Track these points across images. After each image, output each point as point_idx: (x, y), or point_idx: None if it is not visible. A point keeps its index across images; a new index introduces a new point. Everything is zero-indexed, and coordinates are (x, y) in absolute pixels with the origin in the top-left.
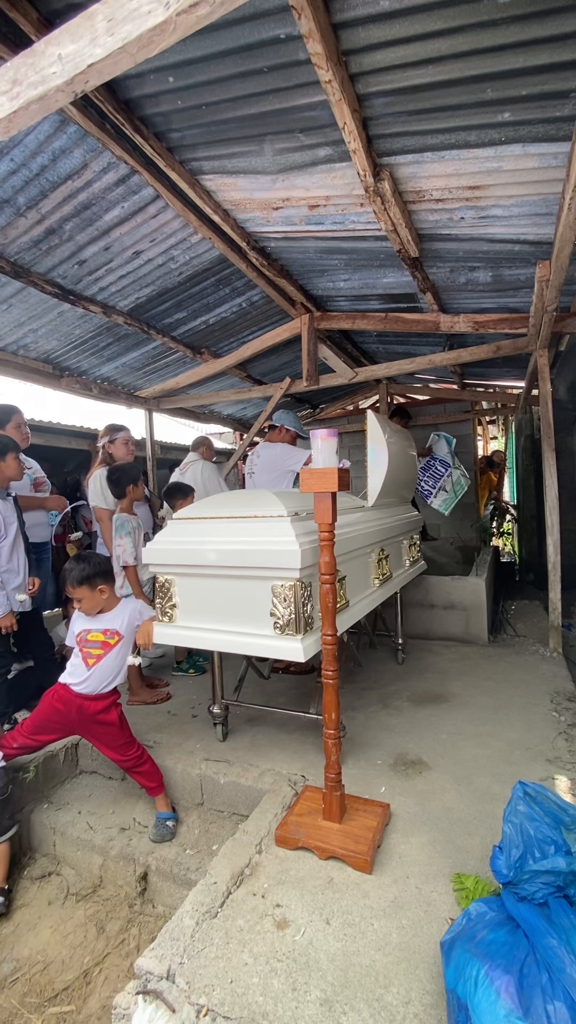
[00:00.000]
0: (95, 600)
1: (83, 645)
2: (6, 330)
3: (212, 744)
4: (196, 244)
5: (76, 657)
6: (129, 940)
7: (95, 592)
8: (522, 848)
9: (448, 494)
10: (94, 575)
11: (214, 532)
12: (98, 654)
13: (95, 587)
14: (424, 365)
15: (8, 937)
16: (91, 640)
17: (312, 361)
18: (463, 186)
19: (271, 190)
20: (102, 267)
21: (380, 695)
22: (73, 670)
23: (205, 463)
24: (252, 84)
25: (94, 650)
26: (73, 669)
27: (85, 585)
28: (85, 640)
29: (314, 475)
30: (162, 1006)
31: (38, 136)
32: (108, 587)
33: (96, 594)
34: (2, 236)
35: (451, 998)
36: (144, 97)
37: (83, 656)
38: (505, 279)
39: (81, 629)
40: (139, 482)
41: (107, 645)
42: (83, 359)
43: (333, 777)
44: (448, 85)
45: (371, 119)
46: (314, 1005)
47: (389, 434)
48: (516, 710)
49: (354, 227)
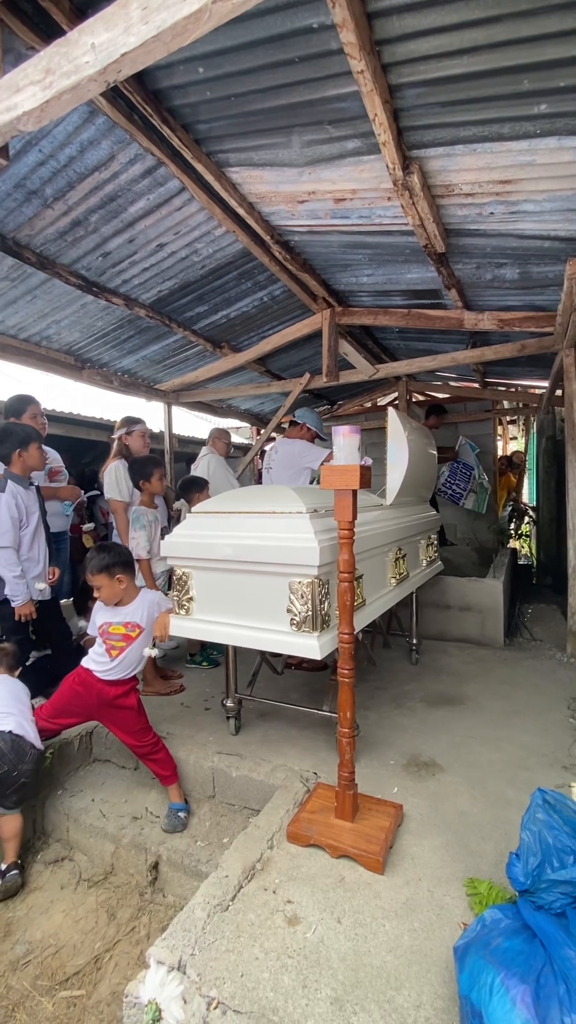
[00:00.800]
0: (113, 589)
1: (106, 638)
2: (30, 321)
3: (224, 737)
4: (220, 237)
5: (100, 646)
6: (139, 928)
7: (113, 581)
8: (540, 856)
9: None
10: (113, 564)
11: (232, 527)
12: (121, 646)
13: (113, 576)
14: (446, 363)
15: (21, 919)
16: (113, 633)
17: (332, 357)
18: (494, 180)
19: (297, 183)
20: (126, 259)
21: (393, 695)
22: (97, 658)
23: (214, 456)
24: (282, 75)
25: (117, 642)
26: (97, 657)
27: (104, 573)
28: (107, 633)
29: (335, 472)
30: (174, 971)
31: (67, 127)
32: (127, 577)
33: (114, 583)
34: (29, 227)
35: (464, 1004)
36: (173, 88)
37: (107, 648)
38: (533, 276)
39: (103, 622)
40: (159, 475)
41: (128, 638)
42: (104, 351)
43: (346, 776)
44: (483, 76)
45: (402, 110)
46: (325, 1003)
47: (409, 432)
48: (532, 715)
49: (380, 221)
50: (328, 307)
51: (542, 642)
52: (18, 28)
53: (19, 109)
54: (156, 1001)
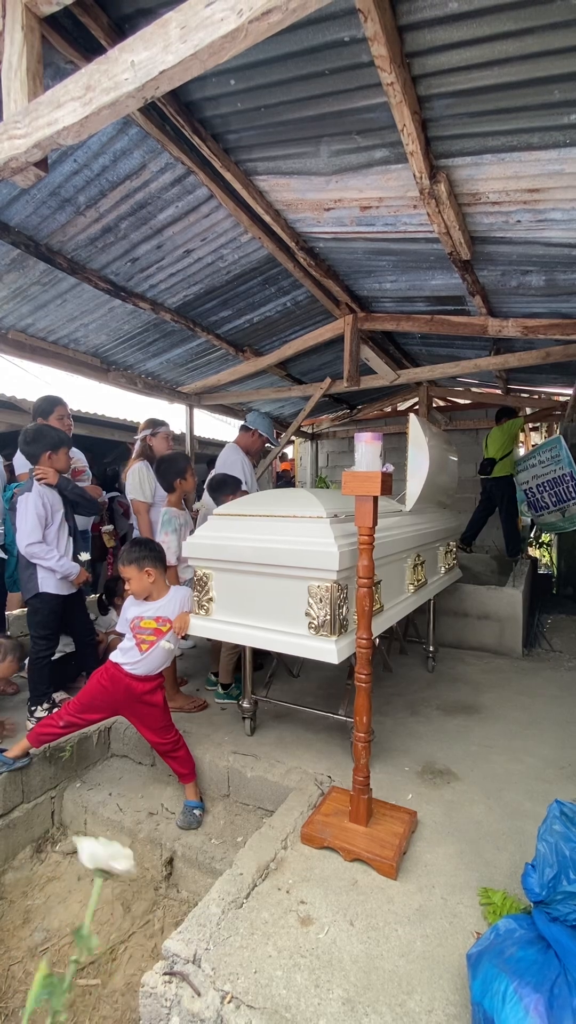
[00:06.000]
0: (142, 582)
1: (137, 632)
2: (59, 323)
3: (240, 738)
4: (245, 244)
5: (129, 640)
6: (154, 921)
7: (142, 574)
8: (556, 868)
9: (564, 521)
10: (143, 557)
11: (253, 529)
12: (151, 640)
13: (142, 568)
14: (469, 369)
15: (40, 908)
16: (144, 627)
17: (354, 362)
18: (522, 188)
19: (324, 191)
20: (153, 265)
21: (409, 701)
22: (127, 652)
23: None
24: (313, 86)
25: (147, 636)
26: (127, 651)
27: (134, 565)
28: (138, 627)
29: (357, 478)
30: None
31: (101, 138)
32: (155, 571)
33: (143, 576)
34: (61, 234)
35: (477, 1011)
36: (205, 99)
37: (137, 641)
38: (559, 283)
39: (134, 616)
40: (191, 471)
41: (159, 632)
42: (130, 354)
43: (361, 780)
44: (513, 87)
45: (430, 121)
46: (336, 1003)
47: (430, 438)
48: (550, 727)
49: (405, 229)
50: (351, 312)
51: (561, 653)
52: (58, 43)
53: (60, 124)
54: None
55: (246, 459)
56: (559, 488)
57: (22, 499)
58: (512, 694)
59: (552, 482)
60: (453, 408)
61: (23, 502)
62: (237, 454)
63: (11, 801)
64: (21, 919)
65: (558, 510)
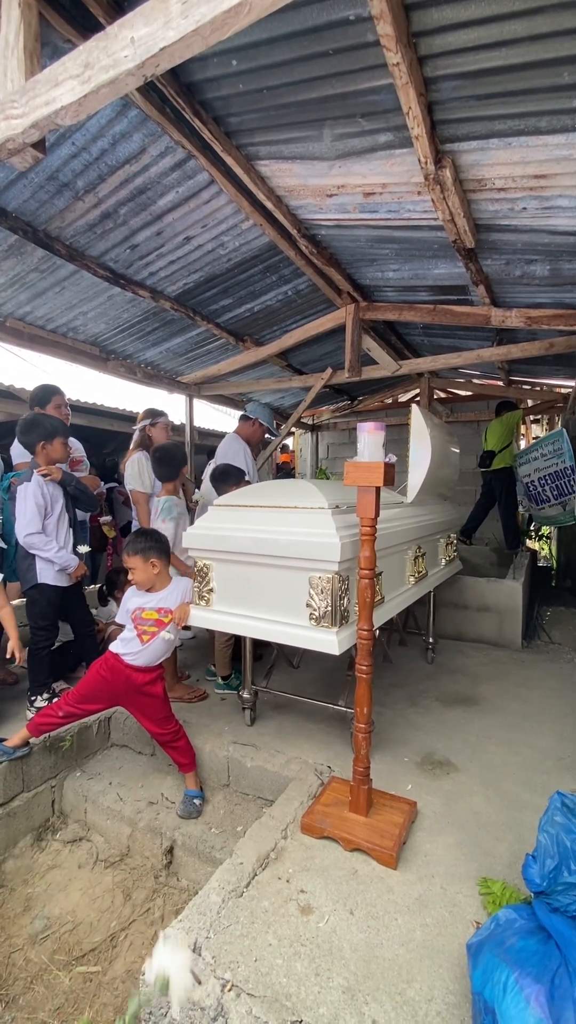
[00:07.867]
0: (146, 573)
1: (138, 623)
2: (57, 312)
3: (240, 728)
4: (247, 231)
5: (130, 631)
6: (154, 910)
7: (147, 564)
8: (557, 859)
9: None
10: (149, 548)
11: (254, 520)
12: (153, 631)
13: (147, 559)
14: (472, 360)
15: (40, 895)
16: (145, 618)
17: (355, 352)
18: (528, 175)
19: (327, 176)
20: (153, 252)
21: (408, 693)
22: (127, 643)
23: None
24: (316, 67)
25: (149, 627)
26: (127, 642)
27: (139, 556)
28: (140, 618)
29: (359, 468)
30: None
31: (100, 120)
32: (160, 562)
33: (148, 567)
34: (59, 219)
35: (477, 1000)
36: (206, 80)
37: (138, 632)
38: (564, 273)
39: (136, 606)
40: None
41: (161, 623)
42: (129, 343)
43: (361, 770)
44: (522, 68)
45: (437, 103)
46: (337, 992)
47: (432, 429)
48: (549, 719)
49: (409, 216)
50: (352, 302)
51: (560, 645)
52: (56, 21)
53: (58, 103)
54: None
55: (247, 449)
56: (560, 482)
57: (21, 489)
58: (511, 686)
59: (554, 475)
60: (454, 400)
61: (23, 492)
62: (238, 444)
63: (11, 790)
64: (22, 907)
65: (559, 503)
